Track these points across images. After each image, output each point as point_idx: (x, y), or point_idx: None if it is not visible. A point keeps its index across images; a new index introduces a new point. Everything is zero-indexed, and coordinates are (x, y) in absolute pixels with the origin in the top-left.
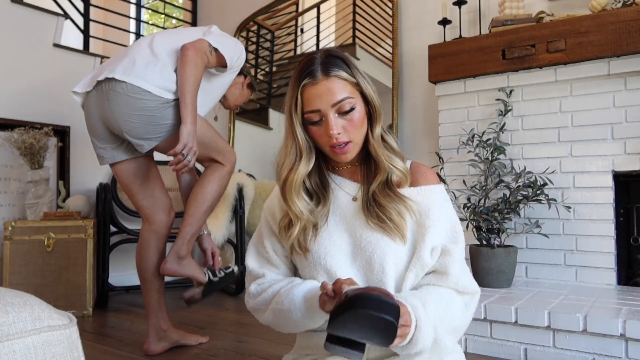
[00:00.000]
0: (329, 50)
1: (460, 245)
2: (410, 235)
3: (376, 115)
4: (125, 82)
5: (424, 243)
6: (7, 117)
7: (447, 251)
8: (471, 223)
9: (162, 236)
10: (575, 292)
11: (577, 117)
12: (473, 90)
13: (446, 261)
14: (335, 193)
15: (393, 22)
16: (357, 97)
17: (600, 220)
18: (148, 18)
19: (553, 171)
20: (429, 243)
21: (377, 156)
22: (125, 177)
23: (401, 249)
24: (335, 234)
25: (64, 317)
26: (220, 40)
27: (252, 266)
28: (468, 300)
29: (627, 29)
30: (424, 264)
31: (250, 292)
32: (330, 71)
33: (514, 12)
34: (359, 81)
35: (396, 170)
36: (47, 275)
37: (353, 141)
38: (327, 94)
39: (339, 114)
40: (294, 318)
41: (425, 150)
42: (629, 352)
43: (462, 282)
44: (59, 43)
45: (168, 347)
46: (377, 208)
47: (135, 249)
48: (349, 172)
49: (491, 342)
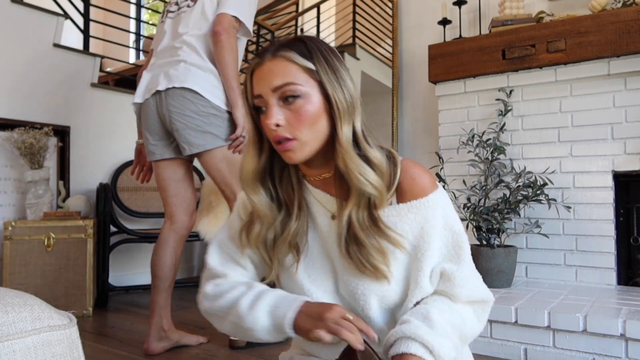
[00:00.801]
0: (301, 34)
1: (466, 261)
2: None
3: (340, 114)
4: (184, 88)
5: (422, 271)
6: (7, 117)
7: (447, 276)
8: (471, 223)
9: (181, 237)
10: (575, 292)
11: (577, 117)
12: (473, 90)
13: (448, 286)
14: (312, 208)
15: (393, 22)
16: (309, 87)
17: (600, 220)
18: (148, 18)
19: (553, 171)
20: (427, 268)
21: (344, 167)
22: (164, 174)
23: (387, 288)
24: (318, 261)
25: (64, 317)
26: (237, 6)
27: (212, 264)
28: (478, 309)
29: (627, 29)
30: (424, 293)
31: (206, 293)
32: (279, 51)
33: (514, 12)
34: (318, 69)
35: (369, 186)
36: (47, 275)
37: (299, 139)
38: (268, 76)
39: (284, 103)
40: (257, 336)
41: (425, 150)
42: (629, 352)
43: (470, 297)
44: (59, 43)
45: (168, 348)
46: (355, 246)
47: (135, 249)
48: (322, 183)
49: (491, 342)
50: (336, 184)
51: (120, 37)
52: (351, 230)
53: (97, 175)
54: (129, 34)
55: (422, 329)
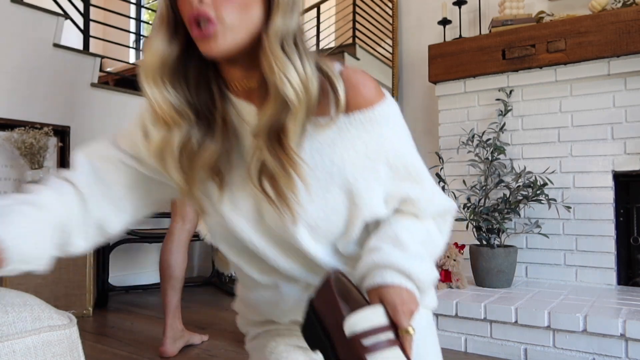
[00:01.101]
0: None
1: (426, 178)
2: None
3: (277, 3)
4: None
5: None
6: (7, 117)
7: (411, 200)
8: (471, 223)
9: (191, 235)
10: (575, 292)
11: (577, 117)
12: (473, 90)
13: (411, 208)
14: (236, 124)
15: (393, 22)
16: None
17: (600, 220)
18: (148, 18)
19: (553, 171)
20: (375, 195)
21: (267, 67)
22: None
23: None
24: (243, 188)
25: (64, 317)
26: None
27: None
28: (440, 221)
29: (627, 29)
30: (376, 217)
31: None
32: None
33: (514, 12)
34: None
35: (287, 85)
36: (47, 275)
37: (223, 23)
38: None
39: None
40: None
41: (425, 150)
42: (629, 352)
43: (435, 212)
44: (59, 43)
45: (181, 348)
46: (264, 175)
47: (135, 249)
48: (246, 94)
49: (491, 342)
50: (262, 97)
51: (120, 37)
52: (263, 152)
53: None
54: (129, 34)
55: (395, 254)
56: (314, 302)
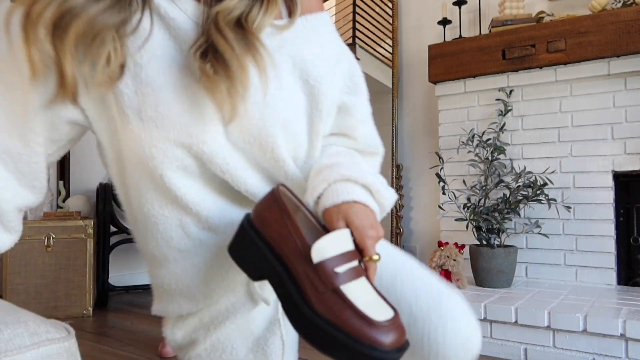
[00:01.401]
0: None
1: (363, 98)
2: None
3: None
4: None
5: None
6: None
7: (347, 109)
8: (471, 223)
9: None
10: (575, 292)
11: (577, 117)
12: (473, 90)
13: (347, 123)
14: (164, 8)
15: (393, 22)
16: None
17: (600, 220)
18: None
19: (553, 171)
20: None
21: None
22: None
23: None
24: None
25: (62, 329)
26: None
27: None
28: (369, 161)
29: (627, 29)
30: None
31: None
32: None
33: (514, 12)
34: None
35: None
36: (47, 275)
37: None
38: None
39: None
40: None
41: (425, 150)
42: (629, 352)
43: (368, 145)
44: None
45: None
46: (213, 55)
47: (135, 249)
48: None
49: (491, 342)
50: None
51: None
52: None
53: (97, 175)
54: None
55: (352, 168)
56: (253, 220)
